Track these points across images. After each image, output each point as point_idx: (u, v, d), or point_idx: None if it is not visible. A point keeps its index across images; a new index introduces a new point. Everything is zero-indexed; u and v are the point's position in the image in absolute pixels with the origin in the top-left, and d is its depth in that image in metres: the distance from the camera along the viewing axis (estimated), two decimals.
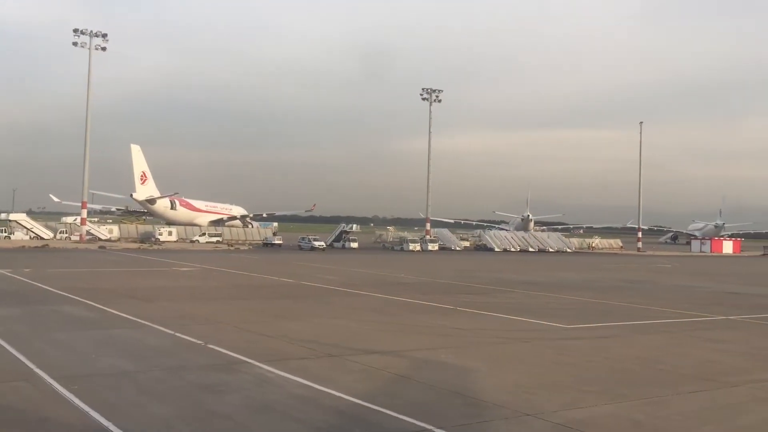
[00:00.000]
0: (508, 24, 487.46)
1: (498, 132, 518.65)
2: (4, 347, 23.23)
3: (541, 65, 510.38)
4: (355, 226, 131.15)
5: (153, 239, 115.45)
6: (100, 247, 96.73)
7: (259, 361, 21.85)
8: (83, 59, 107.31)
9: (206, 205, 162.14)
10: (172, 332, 27.23)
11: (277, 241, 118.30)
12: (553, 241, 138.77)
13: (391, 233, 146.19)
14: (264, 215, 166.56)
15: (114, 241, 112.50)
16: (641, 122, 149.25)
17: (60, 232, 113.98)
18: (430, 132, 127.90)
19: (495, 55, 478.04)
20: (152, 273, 58.13)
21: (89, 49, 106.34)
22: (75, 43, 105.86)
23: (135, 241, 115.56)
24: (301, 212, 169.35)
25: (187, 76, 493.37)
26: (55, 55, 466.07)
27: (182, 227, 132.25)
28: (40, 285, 44.12)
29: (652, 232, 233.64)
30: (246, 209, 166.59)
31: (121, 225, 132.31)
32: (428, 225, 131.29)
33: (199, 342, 25.22)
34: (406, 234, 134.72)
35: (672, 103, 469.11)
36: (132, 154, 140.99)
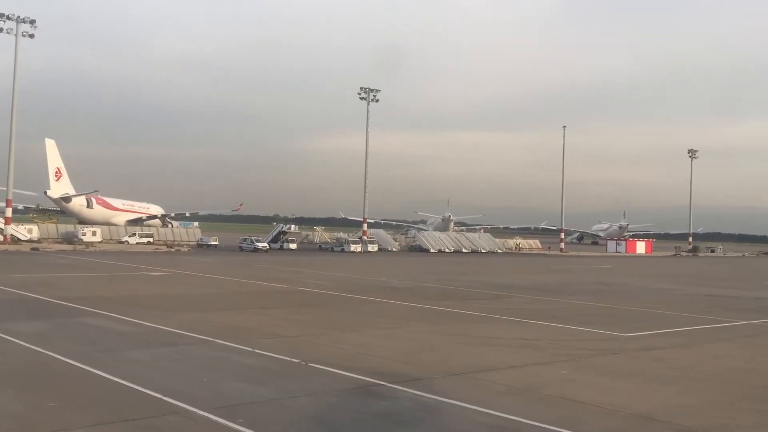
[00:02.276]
0: (424, 27, 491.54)
1: (414, 133, 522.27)
2: (91, 371, 20.50)
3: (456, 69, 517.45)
4: (293, 226, 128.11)
5: (76, 240, 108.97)
6: (33, 249, 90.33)
7: (393, 383, 20.13)
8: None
9: (123, 204, 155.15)
10: (251, 349, 24.99)
11: (213, 242, 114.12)
12: (484, 241, 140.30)
13: (319, 234, 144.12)
14: (187, 214, 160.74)
15: (37, 241, 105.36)
16: (564, 126, 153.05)
17: None
18: (367, 132, 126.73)
19: (412, 57, 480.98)
20: (129, 278, 54.26)
21: (15, 35, 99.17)
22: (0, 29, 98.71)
23: (58, 242, 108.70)
24: (227, 211, 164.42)
25: (96, 69, 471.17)
26: None
27: (106, 227, 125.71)
28: (26, 294, 40.16)
29: (552, 232, 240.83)
30: (162, 208, 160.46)
31: (40, 225, 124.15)
32: (365, 225, 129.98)
33: (295, 360, 23.17)
34: (342, 235, 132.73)
35: (578, 107, 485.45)
36: (46, 149, 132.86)
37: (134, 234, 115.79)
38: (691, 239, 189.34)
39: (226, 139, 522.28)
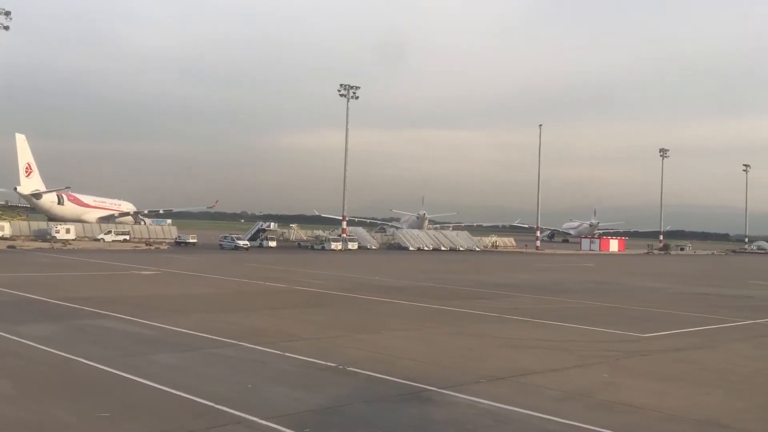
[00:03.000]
0: (400, 24, 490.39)
1: (388, 131, 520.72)
2: (129, 378, 19.70)
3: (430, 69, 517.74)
4: (273, 224, 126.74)
5: (50, 237, 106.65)
6: (9, 246, 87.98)
7: (442, 389, 19.64)
8: None
9: (95, 201, 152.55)
10: (280, 352, 24.31)
11: (191, 240, 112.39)
12: (462, 239, 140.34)
13: (295, 231, 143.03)
14: (161, 211, 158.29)
15: (10, 239, 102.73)
16: (540, 125, 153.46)
17: None
18: (347, 129, 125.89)
19: (386, 55, 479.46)
20: (122, 277, 52.88)
21: None
22: None
23: (32, 240, 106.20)
24: (202, 208, 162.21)
25: (67, 64, 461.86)
26: None
27: (80, 225, 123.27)
28: (23, 294, 38.91)
29: (532, 230, 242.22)
30: (133, 205, 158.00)
31: (11, 222, 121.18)
32: (345, 223, 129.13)
33: (331, 364, 22.56)
34: (321, 232, 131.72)
35: (548, 106, 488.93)
36: (17, 144, 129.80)
37: (110, 232, 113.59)
38: (662, 237, 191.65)
39: (195, 136, 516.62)
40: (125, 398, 17.78)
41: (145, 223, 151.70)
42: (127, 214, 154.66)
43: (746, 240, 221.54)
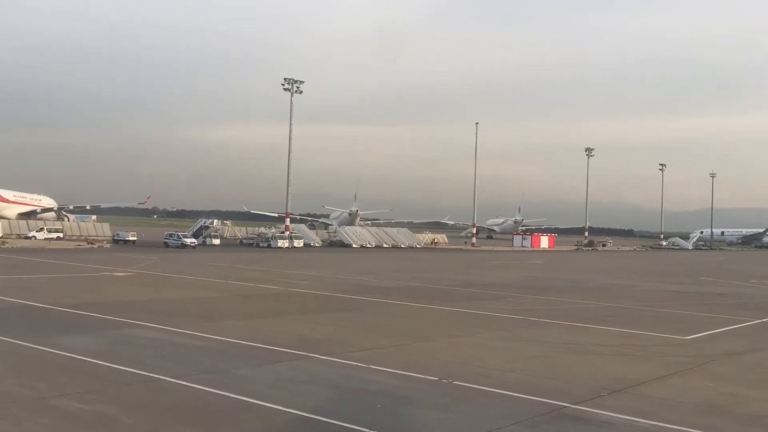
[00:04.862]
0: (312, 18, 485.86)
1: (314, 126, 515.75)
2: (238, 399, 17.85)
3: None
4: (216, 221, 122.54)
5: None
6: None
7: (576, 404, 18.72)
8: None
9: (15, 196, 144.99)
10: (365, 365, 22.80)
11: (131, 237, 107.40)
12: (403, 236, 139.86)
13: (229, 228, 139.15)
14: (88, 207, 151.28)
15: None
16: (477, 123, 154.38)
17: None
18: (291, 124, 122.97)
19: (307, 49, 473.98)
20: (100, 280, 49.32)
21: None
22: None
23: None
24: (133, 203, 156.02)
25: None
26: None
27: (5, 221, 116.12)
28: (15, 300, 35.66)
29: (458, 228, 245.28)
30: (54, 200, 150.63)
31: None
32: (288, 221, 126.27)
33: (432, 378, 21.24)
34: (264, 230, 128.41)
35: (471, 103, 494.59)
36: None
37: (42, 229, 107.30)
38: (587, 234, 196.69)
39: (107, 127, 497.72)
40: (259, 425, 16.03)
41: (68, 219, 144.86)
42: (49, 209, 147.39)
43: (662, 236, 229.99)
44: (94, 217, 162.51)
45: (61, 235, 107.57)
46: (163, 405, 17.38)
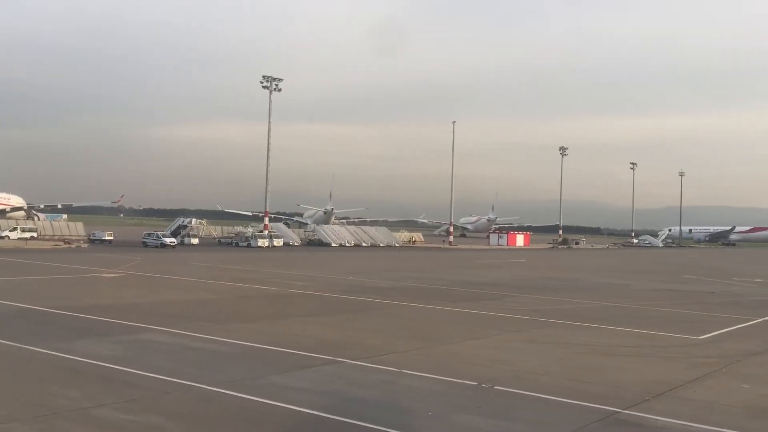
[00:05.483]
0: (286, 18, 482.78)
1: (277, 125, 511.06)
2: (293, 409, 17.19)
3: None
4: (194, 220, 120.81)
5: None
6: None
7: (626, 409, 18.42)
8: None
9: None
10: (397, 369, 22.32)
11: (107, 237, 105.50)
12: (382, 235, 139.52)
13: (204, 227, 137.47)
14: (59, 206, 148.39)
15: None
16: (454, 122, 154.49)
17: None
18: (269, 122, 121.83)
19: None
20: (92, 281, 48.11)
21: None
22: None
23: None
24: (106, 203, 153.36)
25: None
26: None
27: None
28: (12, 303, 34.49)
29: (433, 226, 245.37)
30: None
31: None
32: (266, 219, 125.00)
33: (471, 382, 20.80)
34: (243, 229, 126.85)
35: (444, 103, 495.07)
36: None
37: (15, 228, 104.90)
38: (561, 232, 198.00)
39: (77, 126, 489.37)
40: None
41: (38, 219, 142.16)
42: (19, 208, 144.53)
43: (633, 234, 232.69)
44: (64, 216, 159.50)
45: (35, 234, 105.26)
46: (212, 415, 16.72)
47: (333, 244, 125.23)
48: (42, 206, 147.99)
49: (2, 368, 20.69)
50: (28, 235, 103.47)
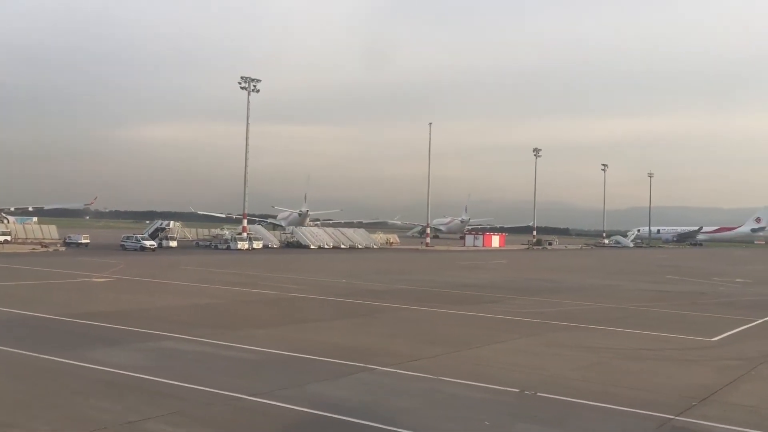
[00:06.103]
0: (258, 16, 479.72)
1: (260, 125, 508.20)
2: (341, 419, 16.69)
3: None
4: (173, 222, 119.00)
5: None
6: None
7: (679, 416, 18.24)
8: None
9: None
10: (433, 376, 21.99)
11: (84, 240, 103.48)
12: (360, 237, 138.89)
13: (179, 230, 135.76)
14: (30, 208, 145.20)
15: None
16: (430, 123, 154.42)
17: None
18: (248, 123, 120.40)
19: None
20: (84, 286, 46.90)
21: None
22: None
23: None
24: (79, 205, 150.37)
25: None
26: None
27: None
28: (12, 310, 33.39)
29: (405, 227, 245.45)
30: None
31: None
32: (245, 222, 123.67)
33: (512, 389, 20.46)
34: (221, 231, 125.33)
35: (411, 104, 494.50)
36: None
37: None
38: (535, 233, 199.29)
39: (41, 127, 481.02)
40: None
41: (8, 221, 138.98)
42: None
43: (604, 235, 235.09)
44: (35, 219, 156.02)
45: (8, 238, 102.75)
46: (265, 428, 16.10)
47: (312, 246, 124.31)
48: (12, 209, 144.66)
49: (30, 380, 19.88)
50: (2, 238, 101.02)
